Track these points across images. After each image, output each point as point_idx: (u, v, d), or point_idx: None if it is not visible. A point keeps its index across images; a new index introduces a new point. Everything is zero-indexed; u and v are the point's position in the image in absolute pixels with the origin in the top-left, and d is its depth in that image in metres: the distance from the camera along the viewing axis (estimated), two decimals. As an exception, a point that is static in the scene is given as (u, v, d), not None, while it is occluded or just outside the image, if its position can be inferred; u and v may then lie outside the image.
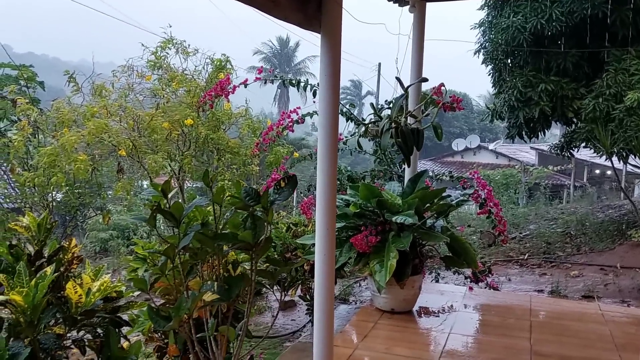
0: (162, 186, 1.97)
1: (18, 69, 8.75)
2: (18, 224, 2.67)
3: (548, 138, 26.26)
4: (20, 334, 2.35)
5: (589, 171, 28.14)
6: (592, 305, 5.50)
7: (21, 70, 8.63)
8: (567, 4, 8.53)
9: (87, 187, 8.45)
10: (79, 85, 7.41)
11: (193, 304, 1.91)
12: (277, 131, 5.32)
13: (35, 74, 8.81)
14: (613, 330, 4.38)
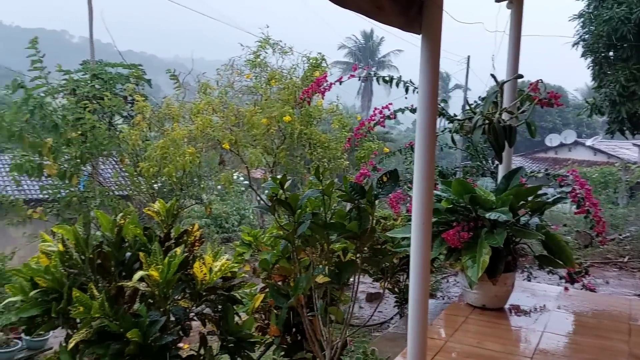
0: (280, 179, 2.21)
1: (129, 68, 9.54)
2: (150, 209, 3.04)
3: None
4: (154, 305, 2.70)
5: (700, 170, 25.86)
6: (700, 312, 5.20)
7: (133, 69, 9.41)
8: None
9: (188, 178, 9.06)
10: (180, 82, 7.97)
11: (308, 284, 2.13)
12: (369, 127, 5.48)
13: (144, 73, 9.57)
14: None
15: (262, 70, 7.61)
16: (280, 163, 7.33)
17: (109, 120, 9.26)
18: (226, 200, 15.64)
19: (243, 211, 15.02)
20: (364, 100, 49.05)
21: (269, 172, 7.36)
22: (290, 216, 2.19)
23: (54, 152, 7.38)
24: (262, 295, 3.37)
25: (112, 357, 2.39)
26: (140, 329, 2.41)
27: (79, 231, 2.84)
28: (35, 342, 7.11)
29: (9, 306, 6.09)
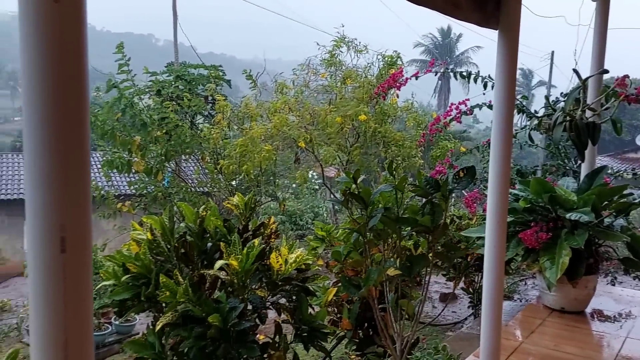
0: (354, 174, 2.28)
1: (210, 69, 9.97)
2: (230, 202, 3.21)
3: None
4: (233, 293, 2.85)
5: None
6: None
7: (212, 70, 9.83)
8: None
9: (264, 176, 9.35)
10: (256, 82, 8.23)
11: (379, 276, 2.19)
12: (444, 122, 5.42)
13: (223, 74, 9.96)
14: None
15: (337, 69, 7.72)
16: (353, 161, 7.41)
17: (191, 120, 9.73)
18: (300, 198, 15.93)
19: (317, 209, 15.24)
20: (441, 98, 48.09)
21: (343, 170, 7.45)
22: (362, 210, 2.25)
23: (142, 150, 7.87)
24: (335, 289, 3.46)
25: (195, 340, 2.56)
26: (220, 314, 2.56)
27: (165, 221, 3.05)
28: (124, 326, 7.64)
29: (100, 292, 6.60)
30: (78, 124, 1.10)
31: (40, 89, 1.06)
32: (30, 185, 1.08)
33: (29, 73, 1.06)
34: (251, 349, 2.61)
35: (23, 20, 1.04)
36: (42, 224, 1.10)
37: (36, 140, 1.08)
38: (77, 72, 1.09)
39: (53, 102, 1.07)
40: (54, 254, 1.10)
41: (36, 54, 1.05)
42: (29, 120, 1.08)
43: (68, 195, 1.10)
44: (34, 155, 1.08)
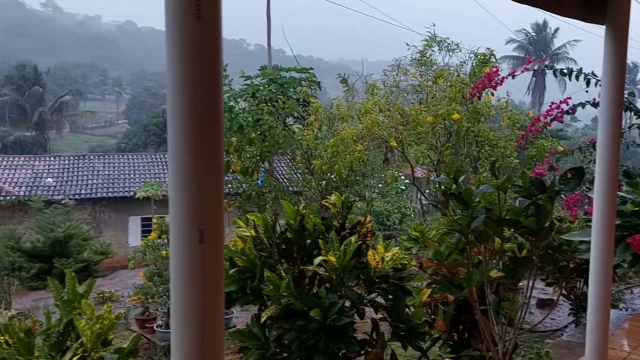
0: (454, 175, 2.28)
1: (302, 72, 10.22)
2: (327, 200, 3.31)
3: None
4: (331, 289, 2.95)
5: None
6: None
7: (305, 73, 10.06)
8: None
9: (353, 176, 9.44)
10: (349, 85, 8.33)
11: (482, 277, 2.19)
12: (545, 122, 5.22)
13: (314, 76, 10.17)
14: None
15: (428, 69, 7.65)
16: (444, 161, 7.30)
17: (284, 121, 10.03)
18: (386, 198, 15.86)
19: (404, 209, 15.11)
20: (535, 96, 45.85)
21: (433, 170, 7.37)
22: (463, 211, 2.25)
23: (238, 151, 8.23)
24: (429, 290, 3.46)
25: (297, 332, 2.68)
26: (321, 309, 2.67)
27: (268, 219, 3.21)
28: (222, 318, 8.01)
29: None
30: (214, 127, 1.23)
31: (183, 97, 1.20)
32: (174, 183, 1.22)
33: (173, 82, 1.20)
34: (350, 344, 2.69)
35: (170, 35, 1.18)
36: (184, 217, 1.24)
37: (179, 143, 1.22)
38: (214, 82, 1.22)
39: (193, 109, 1.20)
40: (194, 244, 1.24)
41: (180, 66, 1.18)
42: (173, 125, 1.21)
43: (206, 191, 1.23)
44: (177, 156, 1.22)
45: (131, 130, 50.83)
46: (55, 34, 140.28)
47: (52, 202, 14.16)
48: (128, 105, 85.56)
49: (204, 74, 1.21)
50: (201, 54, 1.20)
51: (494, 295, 2.40)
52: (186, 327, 1.28)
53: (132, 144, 39.51)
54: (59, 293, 2.19)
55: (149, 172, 23.03)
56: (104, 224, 20.65)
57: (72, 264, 9.09)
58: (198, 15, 1.15)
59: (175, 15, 1.16)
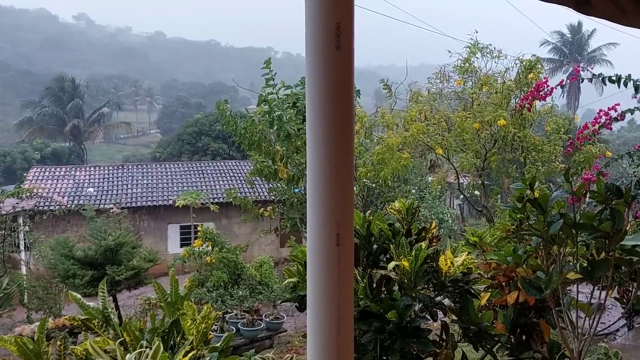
0: (530, 180, 2.40)
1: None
2: (392, 207, 3.45)
3: None
4: (402, 292, 3.08)
5: None
6: None
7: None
8: None
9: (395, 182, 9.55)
10: (392, 92, 8.47)
11: (560, 279, 2.29)
12: (594, 129, 5.25)
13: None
14: None
15: (472, 75, 7.73)
16: (490, 167, 7.36)
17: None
18: (422, 204, 15.88)
19: (441, 215, 15.11)
20: (570, 98, 45.10)
21: (477, 176, 7.43)
22: (539, 215, 2.36)
23: (283, 159, 8.43)
24: (488, 294, 3.56)
25: (375, 333, 2.82)
26: (397, 310, 2.80)
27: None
28: (274, 323, 8.22)
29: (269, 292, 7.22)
30: (347, 140, 1.40)
31: (322, 115, 1.37)
32: (313, 192, 1.39)
33: (313, 103, 1.38)
34: (425, 344, 2.81)
35: (312, 63, 1.35)
36: (323, 222, 1.41)
37: (318, 154, 1.39)
38: (348, 102, 1.39)
39: (331, 127, 1.37)
40: (331, 247, 1.40)
41: (320, 89, 1.36)
42: (312, 140, 1.39)
43: (341, 198, 1.40)
44: (316, 167, 1.39)
45: (164, 140, 51.82)
46: (87, 46, 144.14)
47: (100, 211, 14.68)
48: (160, 114, 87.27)
49: (341, 96, 1.38)
50: (339, 79, 1.37)
51: (567, 297, 2.50)
52: (324, 321, 1.45)
53: (166, 153, 40.29)
54: (163, 295, 2.38)
55: (186, 181, 23.51)
56: (144, 232, 21.19)
57: (123, 271, 9.40)
58: (337, 46, 1.33)
59: (318, 46, 1.33)
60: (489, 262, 3.71)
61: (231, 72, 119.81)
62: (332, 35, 1.33)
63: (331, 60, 1.35)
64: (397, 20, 21.83)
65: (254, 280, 8.42)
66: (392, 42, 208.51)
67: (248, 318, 7.88)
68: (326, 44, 1.33)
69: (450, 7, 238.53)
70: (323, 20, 1.34)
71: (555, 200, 2.37)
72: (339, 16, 1.34)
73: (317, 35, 1.35)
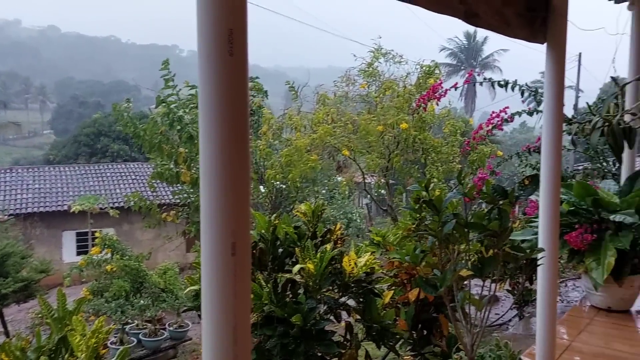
0: (425, 182, 2.50)
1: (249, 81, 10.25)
2: (299, 210, 3.46)
3: None
4: (307, 295, 3.09)
5: None
6: None
7: (252, 82, 10.13)
8: None
9: (302, 183, 9.61)
10: (298, 94, 8.53)
11: (453, 276, 2.41)
12: (487, 130, 5.60)
13: (261, 85, 10.25)
14: None
15: (375, 80, 7.97)
16: (394, 168, 7.63)
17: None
18: (332, 204, 16.14)
19: (350, 215, 15.45)
20: (467, 101, 47.94)
21: (382, 177, 7.69)
22: (434, 215, 2.47)
23: (187, 161, 8.21)
24: (391, 292, 3.68)
25: (279, 337, 2.81)
26: (301, 314, 2.80)
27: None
28: (178, 332, 7.96)
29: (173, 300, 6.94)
30: (242, 146, 1.37)
31: (215, 122, 1.33)
32: (207, 200, 1.35)
33: (206, 109, 1.33)
34: (329, 345, 2.84)
35: (203, 69, 1.31)
36: (217, 231, 1.36)
37: (212, 162, 1.34)
38: (242, 108, 1.36)
39: (224, 131, 1.34)
40: (227, 257, 1.36)
41: (213, 95, 1.32)
42: (205, 145, 1.34)
43: (236, 207, 1.37)
44: (210, 174, 1.35)
45: (59, 141, 48.57)
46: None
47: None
48: (54, 114, 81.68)
49: (235, 102, 1.35)
50: (232, 85, 1.34)
51: (461, 293, 2.63)
52: (220, 331, 1.41)
53: (61, 155, 37.80)
54: (49, 311, 2.21)
55: (83, 185, 22.17)
56: (35, 240, 19.70)
57: (11, 284, 8.70)
58: (230, 52, 1.30)
59: (210, 52, 1.29)
60: (392, 261, 3.83)
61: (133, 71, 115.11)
62: (225, 41, 1.30)
63: (224, 67, 1.32)
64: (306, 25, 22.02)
65: (157, 288, 8.11)
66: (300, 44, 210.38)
67: (150, 328, 7.57)
68: (218, 50, 1.30)
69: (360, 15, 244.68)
70: (215, 26, 1.30)
71: (449, 201, 2.49)
72: (231, 22, 1.31)
73: (209, 41, 1.31)
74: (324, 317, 2.95)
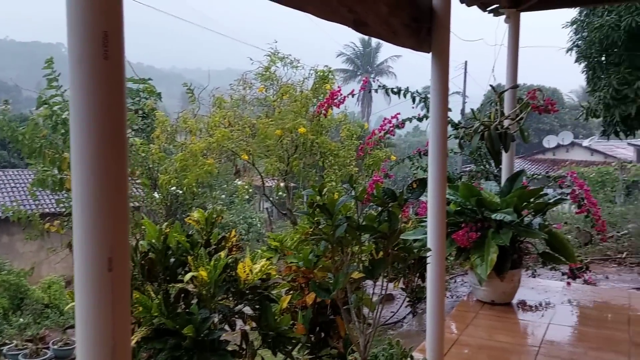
0: (319, 187, 2.51)
1: (140, 82, 9.83)
2: (191, 217, 3.34)
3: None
4: (200, 304, 2.99)
5: (695, 167, 26.29)
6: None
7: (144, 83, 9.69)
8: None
9: (199, 189, 9.37)
10: (195, 96, 8.30)
11: (346, 279, 2.44)
12: (380, 135, 5.80)
13: (154, 87, 9.86)
14: None
15: (272, 84, 7.96)
16: (293, 172, 7.67)
17: (121, 134, 9.53)
18: (232, 209, 15.92)
19: (250, 219, 15.30)
20: (364, 106, 49.48)
21: (282, 181, 7.69)
22: (327, 219, 2.49)
23: (73, 167, 7.61)
24: (289, 297, 3.67)
25: (170, 351, 2.69)
26: (194, 325, 2.70)
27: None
28: (63, 350, 7.39)
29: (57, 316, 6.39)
30: (119, 154, 1.29)
31: (88, 128, 1.24)
32: (80, 211, 1.24)
33: (79, 115, 1.24)
34: (223, 356, 2.76)
35: (76, 73, 1.21)
36: (92, 245, 1.26)
37: (84, 171, 1.25)
38: (119, 113, 1.28)
39: (99, 139, 1.25)
40: (103, 272, 1.27)
41: (86, 101, 1.22)
42: (77, 155, 1.24)
43: (114, 218, 1.27)
44: (82, 185, 1.25)
45: None
46: None
47: None
48: None
49: (110, 106, 1.26)
50: (108, 89, 1.25)
51: (354, 295, 2.68)
52: (98, 352, 1.30)
53: None
54: None
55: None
56: None
57: None
58: (105, 55, 1.21)
59: (82, 55, 1.20)
60: (290, 266, 3.83)
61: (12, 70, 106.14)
62: (99, 44, 1.21)
63: (98, 71, 1.23)
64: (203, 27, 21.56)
65: (40, 304, 7.49)
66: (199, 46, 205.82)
67: (31, 348, 6.98)
68: (92, 53, 1.21)
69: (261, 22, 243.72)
70: (88, 28, 1.21)
71: (341, 205, 2.52)
72: (105, 24, 1.22)
73: (81, 44, 1.21)
74: (218, 326, 2.87)
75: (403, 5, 3.22)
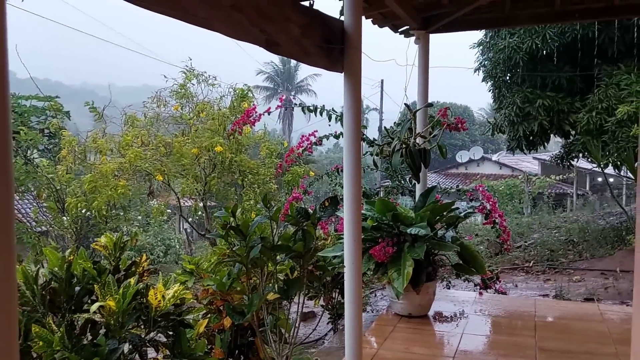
0: (232, 208, 2.46)
1: (46, 100, 9.32)
2: (98, 243, 3.17)
3: (551, 147, 26.73)
4: (108, 334, 2.83)
5: (591, 179, 28.59)
6: (593, 306, 5.94)
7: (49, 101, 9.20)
8: (559, 25, 9.08)
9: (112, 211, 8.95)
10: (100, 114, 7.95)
11: (260, 301, 2.39)
12: (298, 153, 5.83)
13: (61, 105, 9.37)
14: (611, 327, 4.82)
15: (188, 102, 7.79)
16: (211, 191, 7.50)
17: (25, 155, 8.97)
18: (148, 231, 15.32)
19: (168, 241, 14.78)
20: (285, 124, 49.69)
21: (200, 200, 7.51)
22: (242, 241, 2.44)
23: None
24: (205, 320, 3.56)
25: (74, 387, 2.51)
26: (100, 357, 2.55)
27: (28, 269, 2.92)
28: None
29: None
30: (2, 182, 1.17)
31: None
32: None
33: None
34: (134, 388, 2.62)
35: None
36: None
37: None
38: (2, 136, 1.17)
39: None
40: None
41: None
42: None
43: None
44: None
45: None
46: None
47: None
48: None
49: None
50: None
51: (270, 316, 2.64)
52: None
53: None
54: None
55: None
56: None
57: None
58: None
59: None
60: (207, 288, 3.72)
61: None
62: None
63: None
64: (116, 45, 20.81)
65: None
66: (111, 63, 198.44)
67: None
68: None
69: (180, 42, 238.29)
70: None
71: (255, 226, 2.49)
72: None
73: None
74: (127, 357, 2.72)
75: (315, 26, 3.27)
